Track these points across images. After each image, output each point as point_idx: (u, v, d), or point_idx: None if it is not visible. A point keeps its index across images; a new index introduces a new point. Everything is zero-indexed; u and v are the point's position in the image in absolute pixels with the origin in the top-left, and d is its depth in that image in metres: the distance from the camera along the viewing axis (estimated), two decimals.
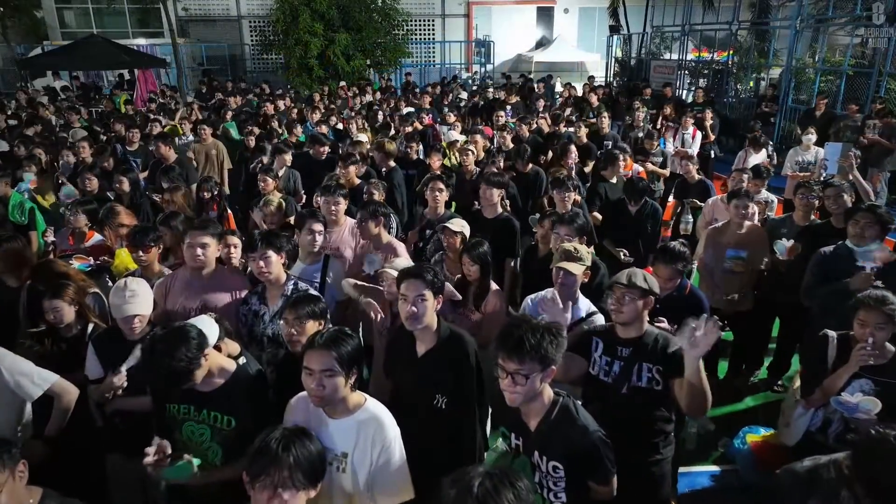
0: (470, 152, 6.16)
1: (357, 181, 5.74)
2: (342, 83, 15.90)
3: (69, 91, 15.45)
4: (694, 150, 8.62)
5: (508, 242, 4.52)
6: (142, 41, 22.99)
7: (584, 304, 3.17)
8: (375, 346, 3.71)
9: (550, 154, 7.88)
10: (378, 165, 6.35)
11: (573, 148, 6.39)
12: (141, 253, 3.58)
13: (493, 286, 3.63)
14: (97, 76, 20.41)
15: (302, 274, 3.84)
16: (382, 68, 19.20)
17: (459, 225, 3.97)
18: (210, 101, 14.56)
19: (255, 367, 2.74)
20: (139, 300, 2.90)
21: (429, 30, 25.98)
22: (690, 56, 17.88)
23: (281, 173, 6.09)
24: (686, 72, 17.52)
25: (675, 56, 18.44)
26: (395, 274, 3.31)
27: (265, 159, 7.17)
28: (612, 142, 8.04)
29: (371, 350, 3.97)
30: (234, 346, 2.75)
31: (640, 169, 6.75)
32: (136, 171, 7.58)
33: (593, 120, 10.94)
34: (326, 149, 6.66)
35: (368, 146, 7.21)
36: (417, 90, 15.09)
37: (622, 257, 4.98)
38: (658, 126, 10.11)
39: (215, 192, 5.47)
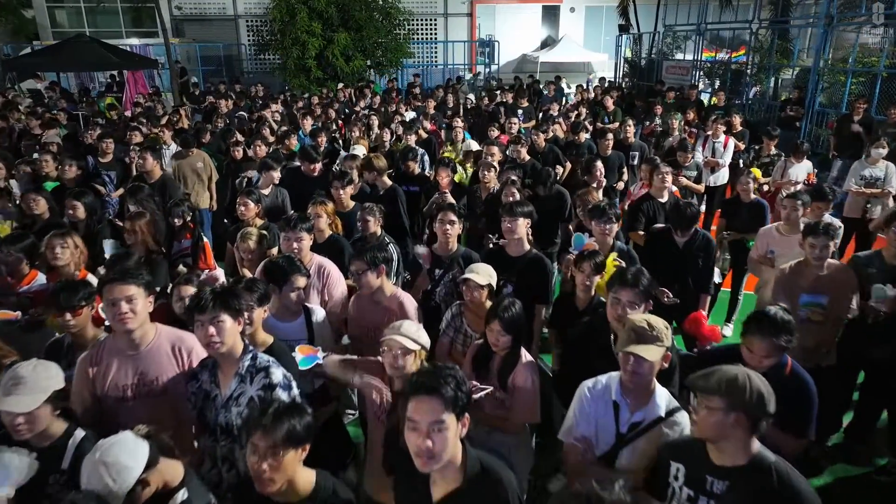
0: (493, 168, 5.34)
1: (352, 204, 4.94)
2: (340, 85, 15.12)
3: (52, 93, 14.63)
4: (726, 160, 7.83)
5: (539, 286, 3.73)
6: (135, 41, 22.26)
7: (663, 398, 2.36)
8: (370, 432, 2.91)
9: (569, 165, 7.14)
10: (370, 184, 5.51)
11: (600, 164, 5.58)
12: (69, 316, 2.76)
13: (524, 356, 2.83)
14: (89, 78, 19.61)
15: (283, 335, 3.06)
16: (383, 69, 18.42)
17: (486, 275, 3.18)
18: (202, 104, 13.80)
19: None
20: (23, 392, 2.10)
21: (431, 29, 25.20)
22: (704, 56, 17.07)
23: (267, 191, 5.30)
24: (701, 73, 16.71)
25: (687, 56, 17.66)
26: (401, 341, 2.55)
27: (251, 174, 6.39)
28: (638, 152, 7.25)
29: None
30: (173, 471, 1.96)
31: (674, 188, 5.90)
32: (109, 188, 6.81)
33: (610, 125, 10.20)
34: (319, 165, 5.84)
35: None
36: (417, 91, 14.26)
37: (665, 300, 4.18)
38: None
39: (188, 219, 4.66)
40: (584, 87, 14.67)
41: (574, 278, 3.82)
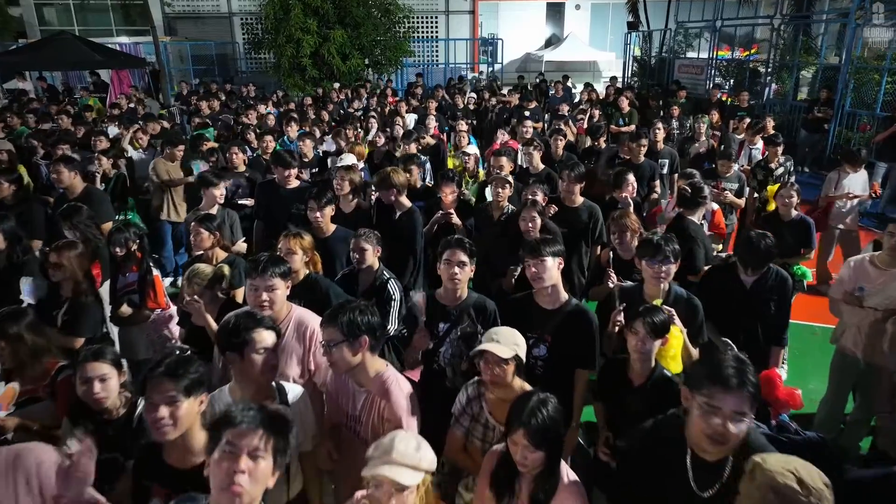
0: (508, 184, 4.43)
1: (332, 228, 4.04)
2: (336, 85, 14.25)
3: (26, 94, 13.78)
4: None
5: (582, 346, 2.85)
6: (125, 39, 21.45)
7: None
8: None
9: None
10: (386, 203, 4.53)
11: (632, 178, 4.71)
12: None
13: (566, 475, 1.96)
14: (78, 77, 18.72)
15: None
16: (382, 68, 17.54)
17: (511, 344, 2.30)
18: (189, 106, 12.95)
19: None
20: None
21: (432, 27, 24.35)
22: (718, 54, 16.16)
23: (214, 211, 4.41)
24: (717, 71, 15.80)
25: (699, 54, 16.76)
26: (394, 478, 1.71)
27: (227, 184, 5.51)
28: (668, 160, 6.37)
29: None
30: None
31: (716, 207, 5.01)
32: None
33: (626, 128, 9.35)
34: (294, 172, 4.91)
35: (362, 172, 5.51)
36: (418, 91, 13.38)
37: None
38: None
39: (134, 248, 3.79)
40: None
41: (608, 317, 2.96)
